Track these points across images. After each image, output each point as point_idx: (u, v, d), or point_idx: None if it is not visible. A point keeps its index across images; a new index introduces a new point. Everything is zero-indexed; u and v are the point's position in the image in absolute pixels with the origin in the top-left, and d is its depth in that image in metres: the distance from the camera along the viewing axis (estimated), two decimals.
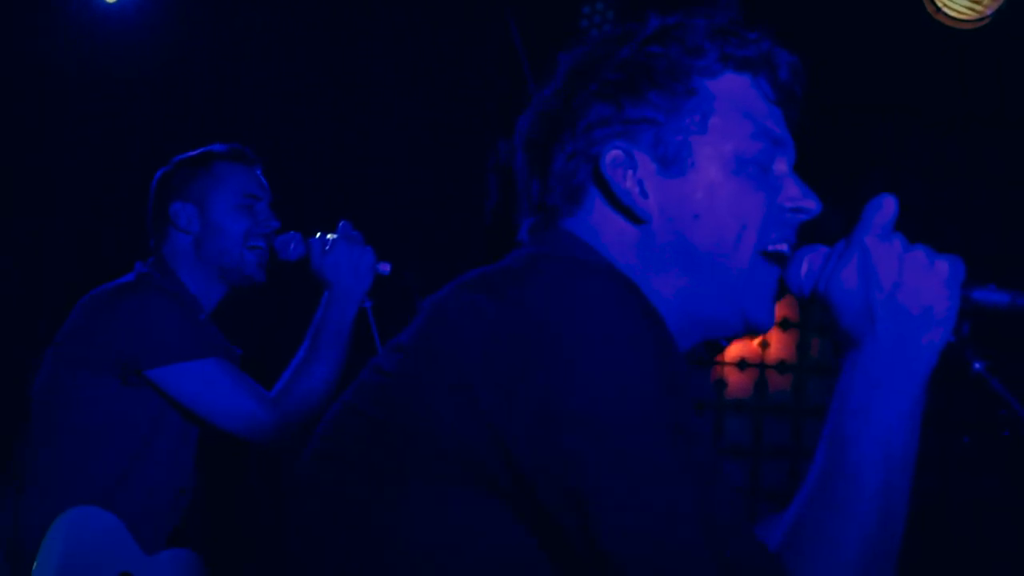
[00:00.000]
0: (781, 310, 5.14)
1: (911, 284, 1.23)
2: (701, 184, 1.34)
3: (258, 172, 2.92)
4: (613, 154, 1.35)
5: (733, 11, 1.41)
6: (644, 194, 1.35)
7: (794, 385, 5.41)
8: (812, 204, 1.38)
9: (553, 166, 1.40)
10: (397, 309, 2.77)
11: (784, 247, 1.37)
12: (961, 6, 3.97)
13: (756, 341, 5.36)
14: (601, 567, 1.10)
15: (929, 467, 1.25)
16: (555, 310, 1.13)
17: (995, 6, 3.96)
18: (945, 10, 3.98)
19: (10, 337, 3.89)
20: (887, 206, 1.27)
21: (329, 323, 2.74)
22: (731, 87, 1.37)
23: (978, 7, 3.95)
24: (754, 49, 1.38)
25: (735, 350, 5.37)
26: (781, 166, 1.39)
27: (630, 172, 1.35)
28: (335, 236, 2.79)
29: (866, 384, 1.24)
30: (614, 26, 3.95)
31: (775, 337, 5.37)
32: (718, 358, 5.29)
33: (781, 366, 5.40)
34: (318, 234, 2.81)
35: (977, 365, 1.27)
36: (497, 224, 4.39)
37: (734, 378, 5.39)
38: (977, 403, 1.30)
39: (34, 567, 2.39)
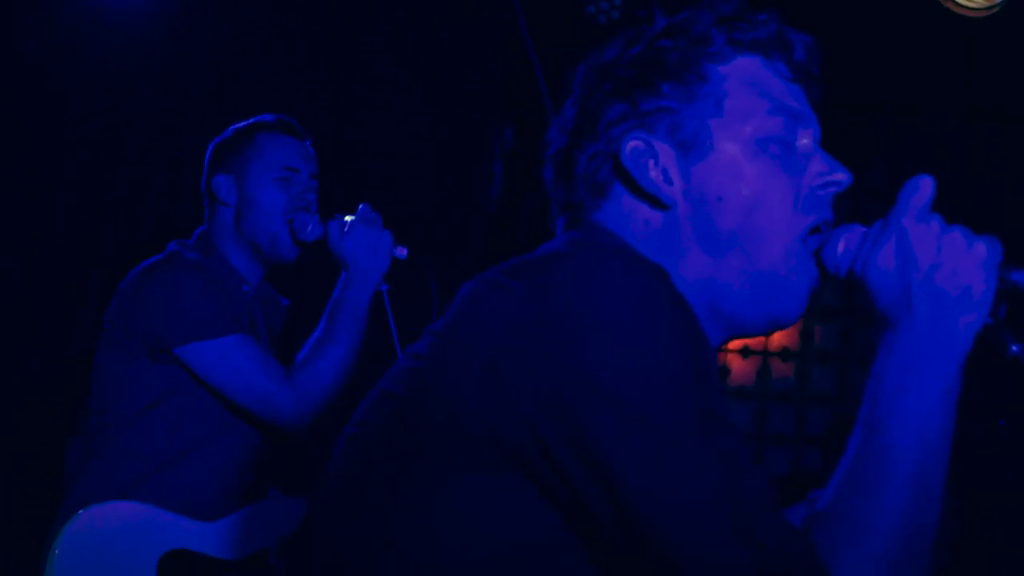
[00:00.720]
0: None
1: (949, 265, 1.22)
2: (723, 165, 1.34)
3: (307, 144, 2.89)
4: (633, 144, 1.36)
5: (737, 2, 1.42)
6: (668, 181, 1.35)
7: (797, 372, 5.42)
8: (842, 176, 1.37)
9: (577, 169, 1.41)
10: (413, 294, 2.78)
11: (816, 220, 1.35)
12: None
13: None
14: (630, 547, 1.11)
15: (964, 451, 1.24)
16: (582, 293, 1.13)
17: None
18: None
19: (10, 337, 3.88)
20: (924, 187, 1.25)
21: (346, 303, 2.73)
22: (743, 69, 1.37)
23: None
24: (763, 30, 1.38)
25: None
26: (805, 140, 1.38)
27: (651, 161, 1.35)
28: (353, 218, 2.78)
29: (902, 367, 1.23)
30: (621, 13, 3.94)
31: None
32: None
33: (784, 353, 5.41)
34: (335, 216, 2.80)
35: (1014, 347, 1.25)
36: (501, 212, 4.39)
37: (737, 365, 5.40)
38: (1013, 386, 1.29)
39: None
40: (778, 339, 5.41)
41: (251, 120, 2.87)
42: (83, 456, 2.68)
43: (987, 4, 3.91)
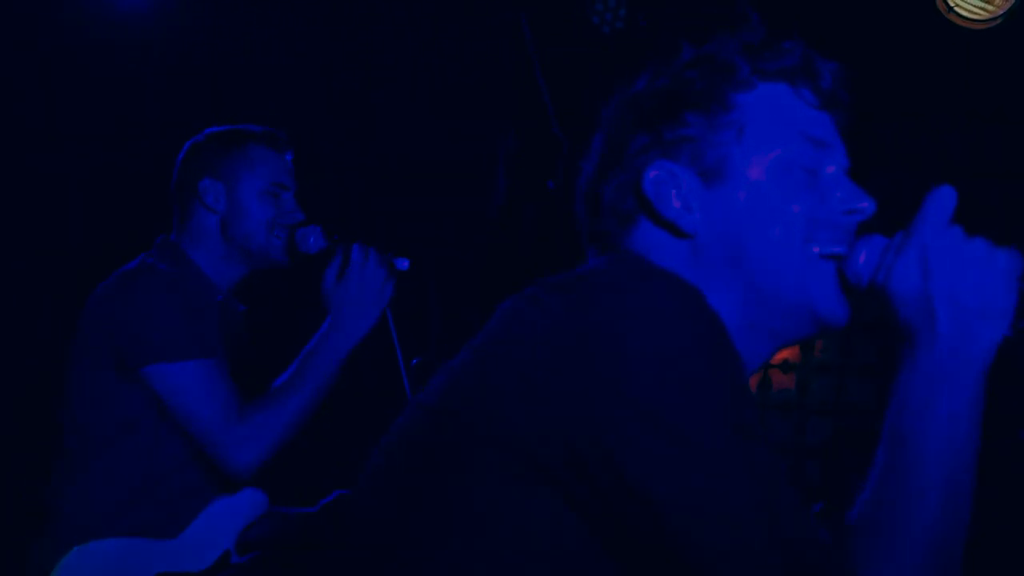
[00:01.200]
0: None
1: (971, 277, 1.23)
2: (743, 192, 1.35)
3: (288, 158, 2.87)
4: (654, 174, 1.37)
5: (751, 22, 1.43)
6: (689, 209, 1.36)
7: (798, 384, 5.42)
8: (866, 204, 1.38)
9: (604, 200, 1.43)
10: (415, 304, 2.75)
11: (840, 249, 1.35)
12: (973, 6, 3.97)
13: None
14: (666, 560, 1.10)
15: (983, 462, 1.24)
16: (619, 308, 1.14)
17: (1006, 6, 3.96)
18: (957, 10, 3.98)
19: (10, 337, 3.87)
20: (946, 198, 1.26)
21: (320, 355, 2.65)
22: (768, 97, 1.38)
23: (990, 7, 3.95)
24: (789, 59, 1.39)
25: None
26: (831, 168, 1.39)
27: (674, 191, 1.37)
28: (354, 260, 2.70)
29: (926, 380, 1.23)
30: (625, 23, 3.94)
31: None
32: None
33: (784, 365, 5.41)
34: (338, 249, 2.73)
35: None
36: (503, 216, 4.38)
37: None
38: None
39: None
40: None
41: (235, 127, 2.84)
42: (62, 477, 2.62)
43: (988, 16, 3.92)
